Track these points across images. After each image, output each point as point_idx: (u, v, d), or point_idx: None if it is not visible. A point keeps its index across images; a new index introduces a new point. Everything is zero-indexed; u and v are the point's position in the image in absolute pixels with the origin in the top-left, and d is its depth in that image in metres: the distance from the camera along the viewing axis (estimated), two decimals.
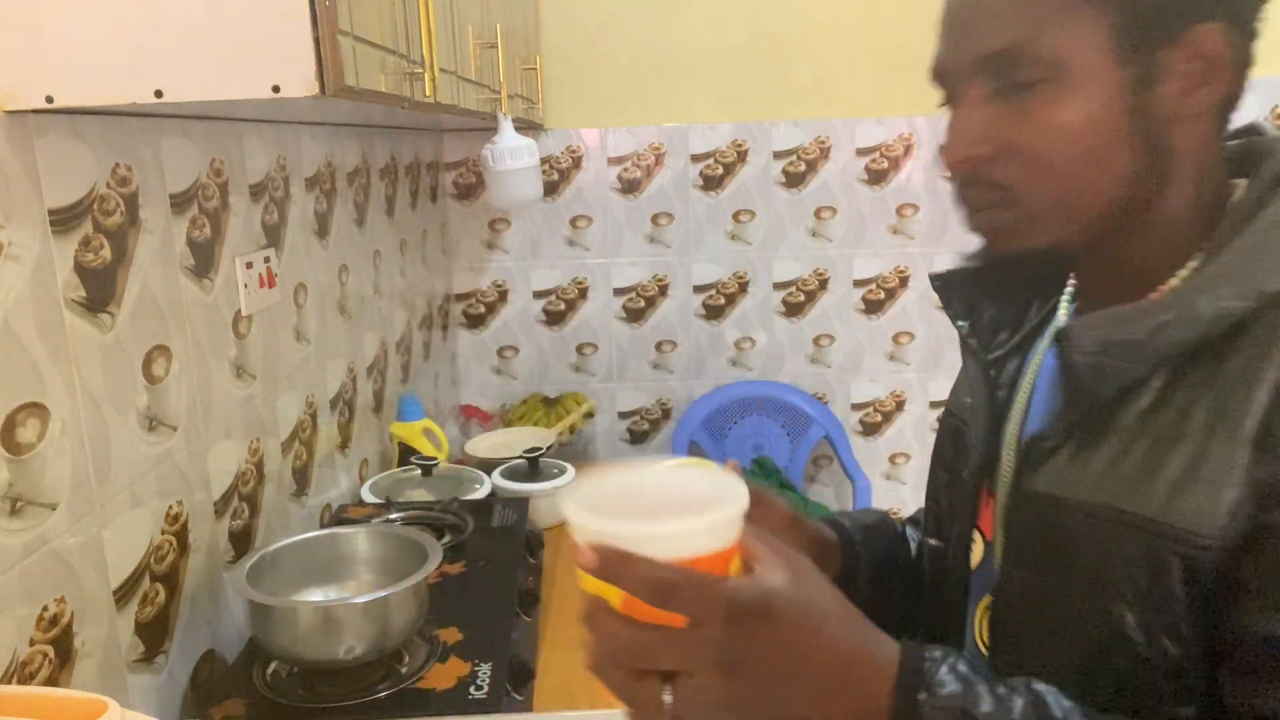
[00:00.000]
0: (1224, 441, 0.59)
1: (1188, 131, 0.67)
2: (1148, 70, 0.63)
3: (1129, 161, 0.65)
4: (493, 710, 1.15)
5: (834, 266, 3.02)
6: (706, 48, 2.87)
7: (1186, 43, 0.64)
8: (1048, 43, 0.62)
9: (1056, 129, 0.63)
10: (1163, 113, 0.65)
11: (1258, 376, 0.59)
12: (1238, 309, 0.61)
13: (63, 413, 1.01)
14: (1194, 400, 0.61)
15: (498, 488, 1.92)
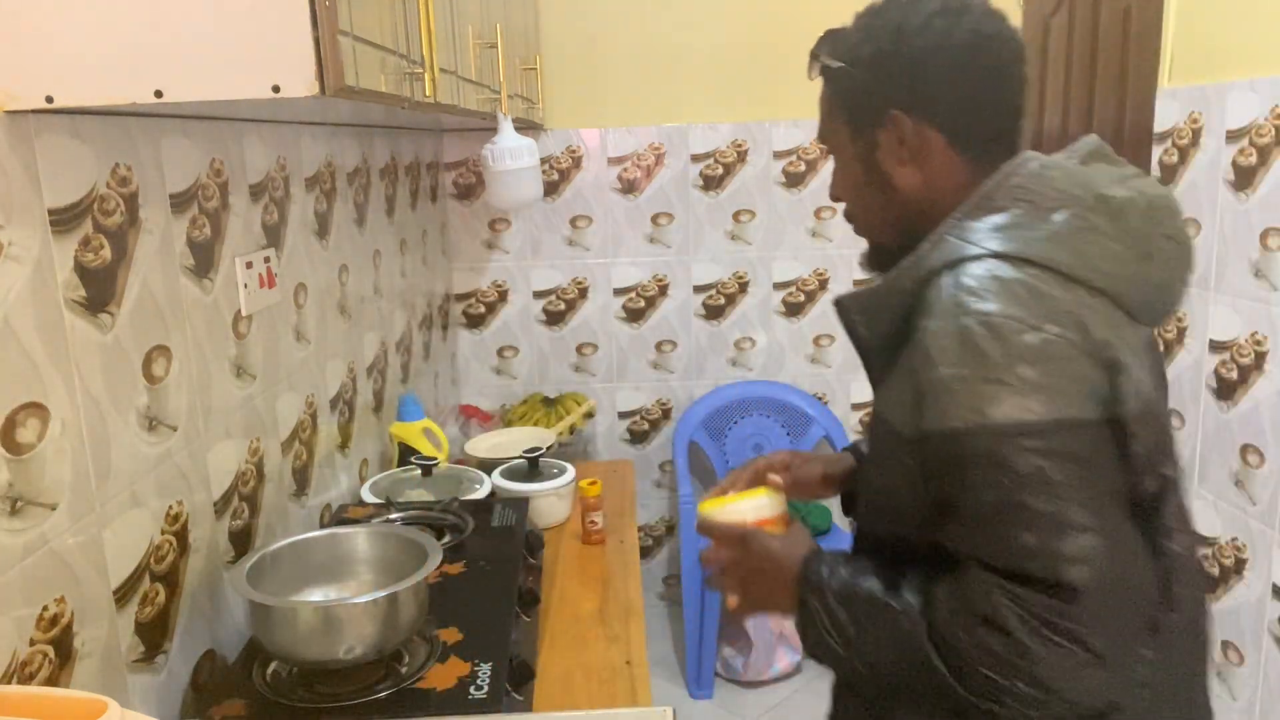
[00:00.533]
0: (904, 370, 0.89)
1: (907, 175, 0.98)
2: (871, 142, 0.99)
3: (877, 196, 1.01)
4: (493, 710, 1.15)
5: (834, 266, 3.02)
6: (706, 48, 2.87)
7: (883, 121, 0.97)
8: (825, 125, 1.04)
9: (839, 183, 1.05)
10: (883, 162, 0.99)
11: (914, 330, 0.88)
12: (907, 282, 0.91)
13: (63, 413, 1.01)
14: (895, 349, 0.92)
15: (498, 488, 1.92)
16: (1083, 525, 0.80)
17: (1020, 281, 0.83)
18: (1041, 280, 0.84)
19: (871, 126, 0.98)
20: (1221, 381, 2.00)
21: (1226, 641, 2.03)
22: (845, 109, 1.00)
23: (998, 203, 0.90)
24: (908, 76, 0.95)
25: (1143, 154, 2.25)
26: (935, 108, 0.95)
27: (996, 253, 0.86)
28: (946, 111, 0.95)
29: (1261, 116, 1.85)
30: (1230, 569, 2.00)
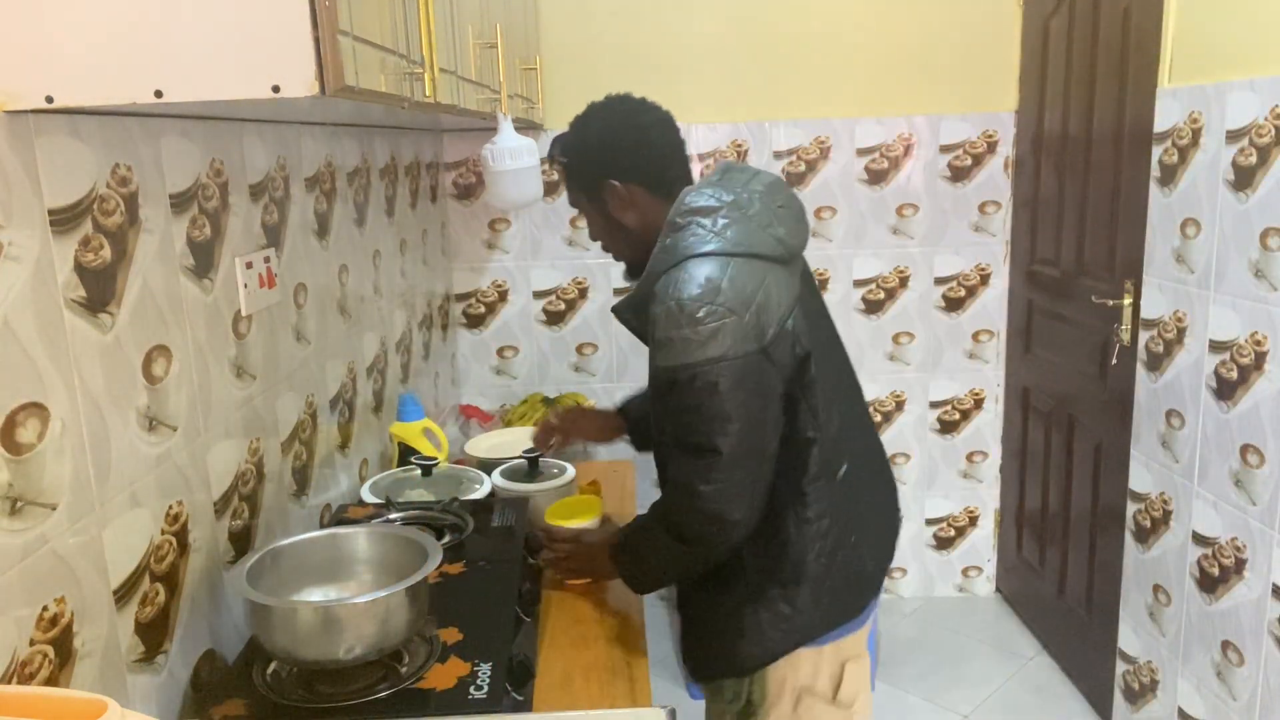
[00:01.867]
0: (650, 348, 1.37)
1: (631, 217, 1.47)
2: (600, 201, 1.48)
3: (617, 234, 1.50)
4: (493, 710, 1.15)
5: (834, 266, 3.02)
6: (706, 48, 2.87)
7: (603, 188, 1.47)
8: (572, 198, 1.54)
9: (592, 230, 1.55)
10: (614, 213, 1.48)
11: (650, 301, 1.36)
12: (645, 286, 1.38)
13: (63, 413, 1.01)
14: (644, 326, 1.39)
15: (498, 488, 1.92)
16: (727, 416, 1.30)
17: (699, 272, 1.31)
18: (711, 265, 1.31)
19: (597, 191, 1.46)
20: (1221, 381, 2.00)
21: (1226, 641, 2.03)
22: (579, 185, 1.49)
23: (677, 224, 1.38)
24: (607, 158, 1.46)
25: (1143, 154, 2.25)
26: (630, 172, 1.45)
27: (683, 257, 1.33)
28: (638, 172, 1.45)
29: (1261, 116, 1.85)
30: (1230, 569, 2.00)
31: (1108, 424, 2.49)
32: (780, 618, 1.42)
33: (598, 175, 1.45)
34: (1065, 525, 2.77)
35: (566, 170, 1.50)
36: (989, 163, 2.97)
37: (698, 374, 1.28)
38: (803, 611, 1.42)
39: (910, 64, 2.89)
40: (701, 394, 1.29)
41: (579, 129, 1.49)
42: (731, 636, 1.44)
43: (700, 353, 1.28)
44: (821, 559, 1.41)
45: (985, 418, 3.16)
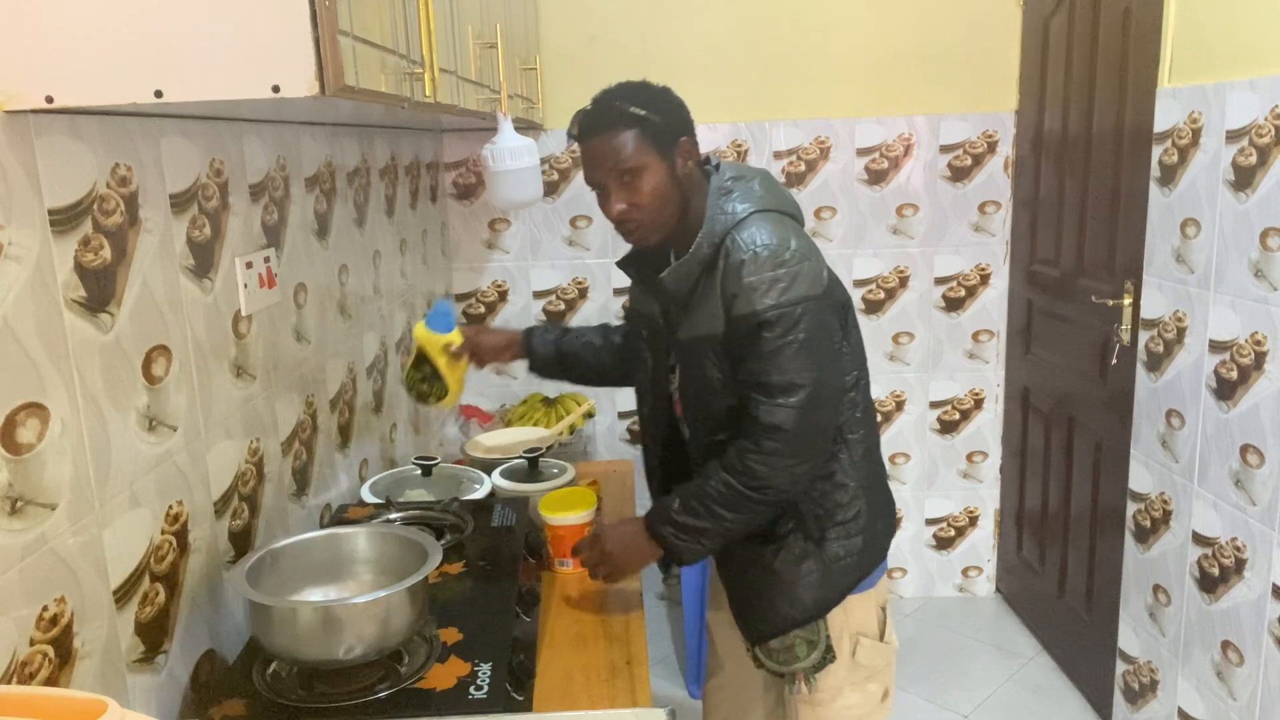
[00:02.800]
0: (714, 297, 1.43)
1: (689, 180, 1.49)
2: (671, 159, 1.45)
3: (679, 195, 1.47)
4: (493, 710, 1.15)
5: (834, 266, 3.00)
6: (706, 48, 2.87)
7: (679, 145, 1.46)
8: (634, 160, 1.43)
9: (649, 193, 1.44)
10: (680, 174, 1.47)
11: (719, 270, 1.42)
12: (707, 250, 1.44)
13: (63, 413, 1.01)
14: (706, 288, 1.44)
15: (498, 488, 1.92)
16: (813, 353, 1.39)
17: (769, 224, 1.41)
18: (775, 219, 1.43)
19: (671, 149, 1.45)
20: (1221, 381, 2.00)
21: (1226, 641, 2.03)
22: (655, 141, 1.44)
23: (727, 188, 1.47)
24: (685, 115, 1.49)
25: (1143, 154, 2.25)
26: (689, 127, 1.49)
27: (751, 211, 1.44)
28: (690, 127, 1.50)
29: (1261, 116, 1.85)
30: (1230, 569, 2.00)
31: (1108, 424, 2.49)
32: (840, 561, 1.51)
33: (679, 131, 1.46)
34: (1065, 525, 2.77)
35: (645, 125, 1.44)
36: (989, 163, 2.97)
37: (786, 313, 1.36)
38: (855, 553, 1.51)
39: (910, 64, 2.89)
40: (791, 332, 1.37)
41: (650, 88, 1.48)
42: (802, 587, 1.50)
43: (789, 293, 1.37)
44: (865, 499, 1.52)
45: (985, 418, 3.16)
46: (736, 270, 1.39)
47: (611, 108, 1.47)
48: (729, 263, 1.40)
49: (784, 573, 1.51)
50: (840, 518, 1.51)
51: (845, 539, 1.51)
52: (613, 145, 1.44)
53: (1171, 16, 2.13)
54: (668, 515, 1.48)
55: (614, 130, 1.45)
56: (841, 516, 1.51)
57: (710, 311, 1.44)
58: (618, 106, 1.46)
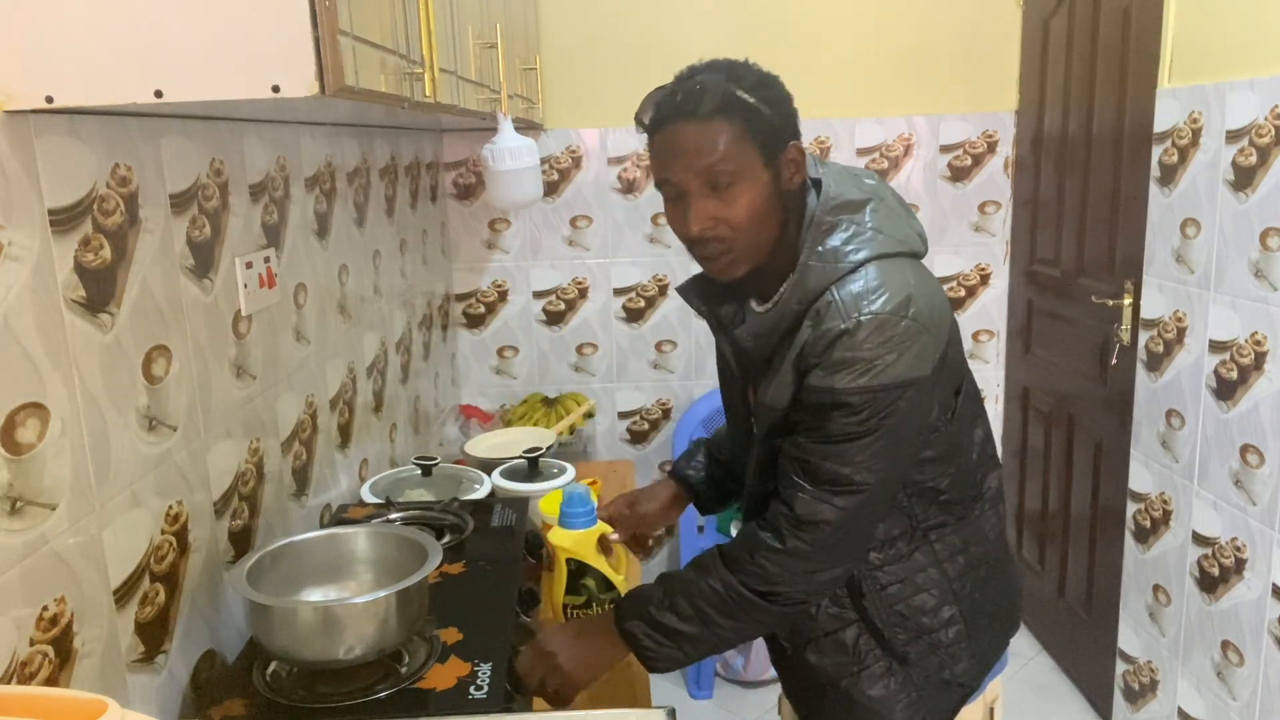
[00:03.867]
0: (788, 366, 1.15)
1: (792, 196, 1.17)
2: (776, 169, 1.13)
3: (779, 217, 1.16)
4: (493, 710, 1.15)
5: None
6: (707, 48, 2.84)
7: (788, 151, 1.14)
8: (732, 162, 1.10)
9: (745, 208, 1.12)
10: (785, 189, 1.15)
11: (803, 333, 1.13)
12: (795, 306, 1.14)
13: (63, 413, 1.01)
14: (784, 352, 1.16)
15: (498, 488, 1.92)
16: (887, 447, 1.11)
17: (883, 280, 1.11)
18: (891, 269, 1.12)
19: (779, 154, 1.14)
20: (1221, 381, 2.00)
21: (1226, 641, 2.03)
22: (763, 142, 1.12)
23: (827, 223, 1.15)
24: (788, 114, 1.16)
25: (1143, 154, 2.25)
26: (798, 133, 1.17)
27: (856, 263, 1.12)
28: (799, 131, 1.18)
29: (1261, 116, 1.85)
30: (1230, 569, 2.00)
31: (1108, 424, 2.49)
32: (934, 679, 1.26)
33: (790, 132, 1.15)
34: (1065, 525, 2.77)
35: (753, 119, 1.11)
36: (989, 163, 2.97)
37: (875, 399, 1.08)
38: (953, 670, 1.27)
39: (910, 64, 2.89)
40: (873, 420, 1.09)
41: (758, 70, 1.15)
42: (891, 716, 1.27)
43: (886, 375, 1.07)
44: (958, 606, 1.25)
45: None
46: (829, 341, 1.09)
47: (713, 87, 1.11)
48: (820, 329, 1.10)
49: (866, 703, 1.26)
50: (927, 627, 1.24)
51: (934, 653, 1.24)
52: (708, 137, 1.10)
53: (1171, 16, 2.13)
54: (644, 610, 1.19)
55: (712, 118, 1.10)
56: (929, 625, 1.23)
57: (781, 383, 1.16)
58: (723, 87, 1.11)
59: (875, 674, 1.25)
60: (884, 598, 1.23)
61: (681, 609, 1.18)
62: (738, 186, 1.11)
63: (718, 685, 2.81)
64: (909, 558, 1.23)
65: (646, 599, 1.20)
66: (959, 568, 1.25)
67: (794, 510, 1.13)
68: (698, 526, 2.81)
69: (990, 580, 1.29)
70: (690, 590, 1.18)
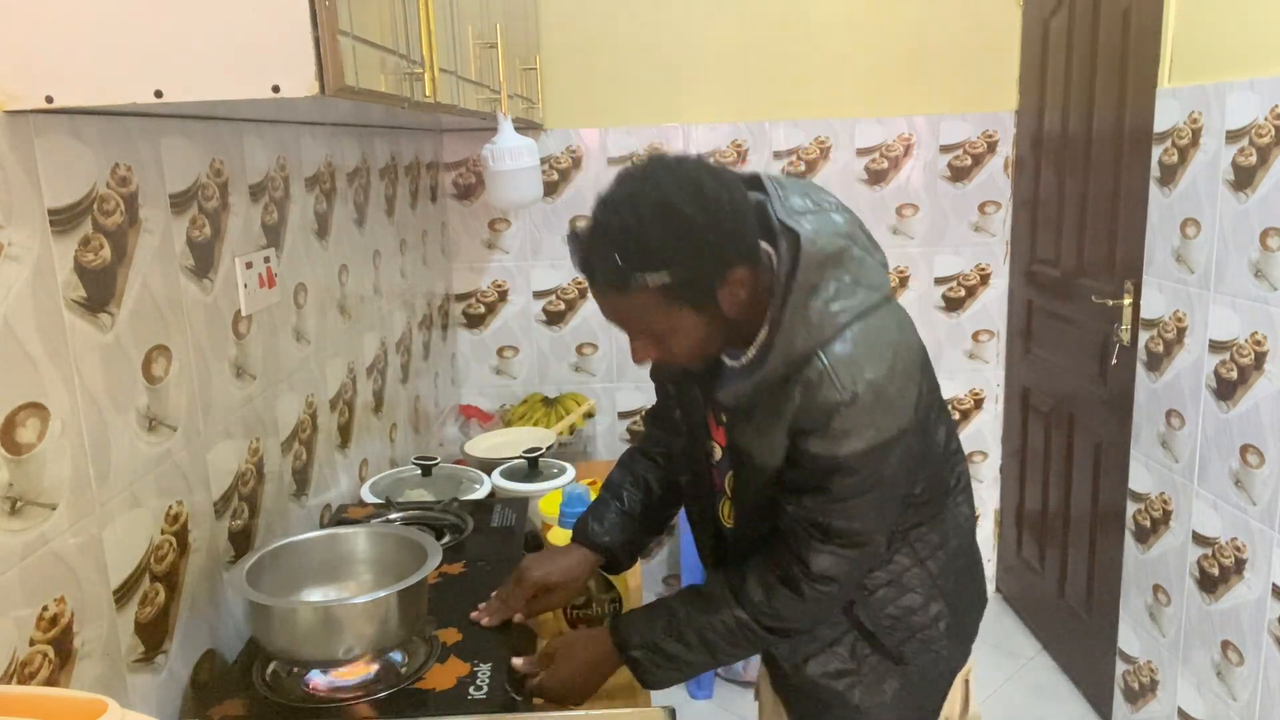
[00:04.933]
0: (778, 427, 1.14)
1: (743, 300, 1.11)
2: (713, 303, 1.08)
3: (717, 335, 1.13)
4: (493, 710, 1.15)
5: None
6: (706, 48, 2.87)
7: (728, 280, 1.08)
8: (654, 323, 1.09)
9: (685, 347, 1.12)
10: (730, 307, 1.10)
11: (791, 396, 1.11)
12: (781, 370, 1.11)
13: (63, 413, 1.01)
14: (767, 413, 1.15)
15: (497, 488, 1.92)
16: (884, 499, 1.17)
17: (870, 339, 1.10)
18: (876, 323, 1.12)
19: (712, 293, 1.08)
20: (1221, 381, 2.00)
21: (1226, 641, 2.03)
22: (685, 299, 1.07)
23: (810, 284, 1.10)
24: (726, 239, 1.07)
25: (1143, 154, 2.25)
26: (738, 252, 1.09)
27: (842, 325, 1.10)
28: (743, 248, 1.09)
29: (1261, 116, 1.85)
30: (1230, 569, 2.00)
31: (1108, 424, 2.49)
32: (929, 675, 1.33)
33: (719, 269, 1.06)
34: (1065, 525, 2.77)
35: (666, 289, 1.05)
36: (989, 163, 2.97)
37: (872, 457, 1.11)
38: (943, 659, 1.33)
39: (910, 64, 2.89)
40: (873, 477, 1.12)
41: (673, 215, 1.03)
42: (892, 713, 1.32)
43: (885, 434, 1.10)
44: (944, 601, 1.30)
45: (985, 418, 3.16)
46: (825, 412, 1.09)
47: (604, 267, 1.06)
48: (816, 399, 1.09)
49: (870, 708, 1.31)
50: (919, 625, 1.29)
51: (927, 649, 1.30)
52: (619, 308, 1.10)
53: (1171, 16, 2.13)
54: (649, 639, 1.24)
55: (614, 295, 1.08)
56: (920, 623, 1.29)
57: (768, 443, 1.16)
58: (615, 268, 1.04)
59: (876, 678, 1.31)
60: (873, 603, 1.28)
61: (689, 640, 1.23)
62: (670, 337, 1.11)
63: (717, 685, 2.81)
64: (892, 561, 1.27)
65: (651, 626, 1.25)
66: (941, 563, 1.30)
67: (810, 567, 1.17)
68: None
69: (968, 568, 1.36)
70: (699, 624, 1.23)
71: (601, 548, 1.42)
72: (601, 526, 1.43)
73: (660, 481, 1.47)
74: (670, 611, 1.25)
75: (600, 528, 1.43)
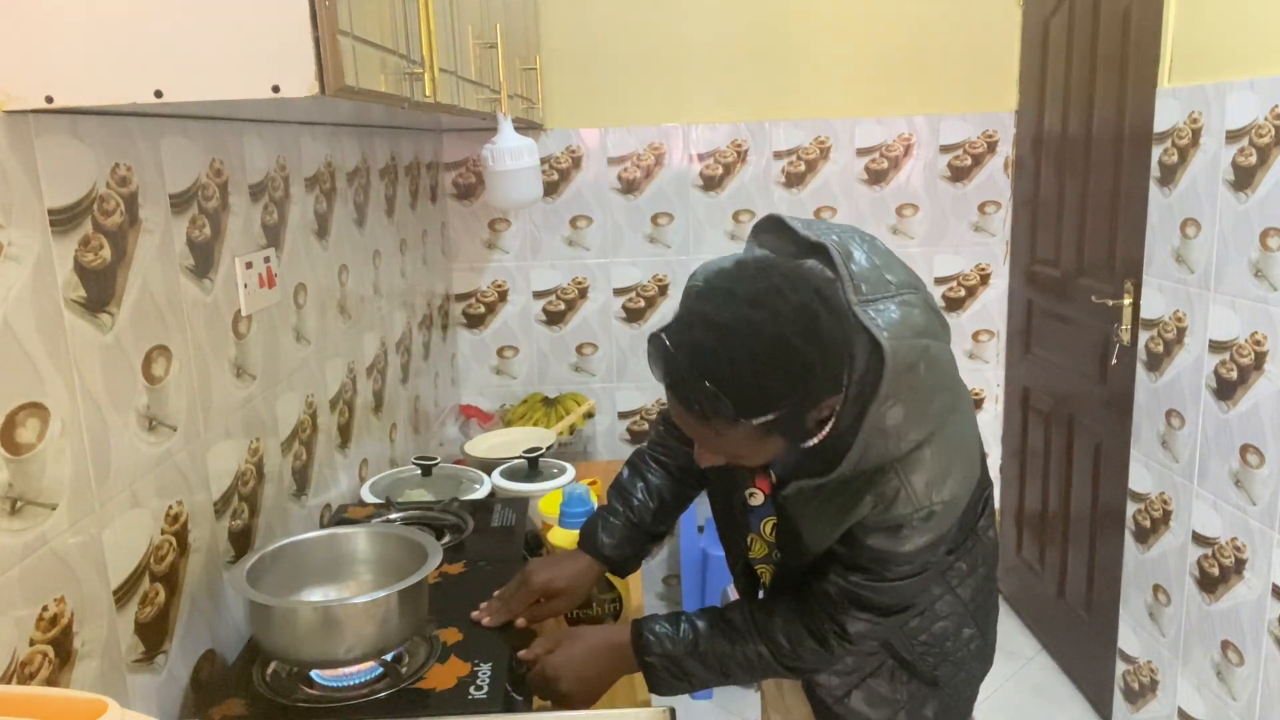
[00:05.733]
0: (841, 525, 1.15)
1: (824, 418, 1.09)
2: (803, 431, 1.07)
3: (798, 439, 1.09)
4: (493, 710, 1.15)
5: None
6: (706, 48, 2.87)
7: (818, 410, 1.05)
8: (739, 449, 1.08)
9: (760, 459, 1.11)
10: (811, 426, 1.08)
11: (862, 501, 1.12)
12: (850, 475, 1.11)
13: (63, 413, 1.01)
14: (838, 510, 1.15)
15: (497, 488, 1.92)
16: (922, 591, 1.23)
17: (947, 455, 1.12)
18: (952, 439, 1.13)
19: (803, 424, 1.06)
20: (1221, 381, 2.00)
21: (1226, 641, 2.03)
22: (780, 431, 1.04)
23: (893, 396, 1.06)
24: (832, 378, 1.04)
25: (1143, 154, 2.25)
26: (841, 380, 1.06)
27: (927, 435, 1.09)
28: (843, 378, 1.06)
29: (1261, 116, 1.85)
30: (1230, 569, 2.00)
31: (1108, 424, 2.49)
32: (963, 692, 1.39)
33: (815, 403, 1.04)
34: (1065, 525, 2.77)
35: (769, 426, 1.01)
36: (989, 163, 2.97)
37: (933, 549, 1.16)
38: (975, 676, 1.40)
39: (910, 64, 2.89)
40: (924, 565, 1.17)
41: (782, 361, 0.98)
42: None
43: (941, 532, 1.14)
44: (975, 622, 1.36)
45: (985, 418, 3.16)
46: (896, 522, 1.11)
47: (711, 404, 0.99)
48: (886, 509, 1.10)
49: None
50: (951, 650, 1.34)
51: (960, 670, 1.36)
52: (708, 436, 1.07)
53: (1171, 16, 2.13)
54: (670, 652, 1.26)
55: (708, 427, 1.03)
56: (953, 648, 1.34)
57: (824, 530, 1.17)
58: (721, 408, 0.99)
59: (916, 705, 1.35)
60: (906, 633, 1.32)
61: (708, 663, 1.26)
62: (750, 455, 1.09)
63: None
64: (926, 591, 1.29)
65: (674, 640, 1.26)
66: (971, 589, 1.34)
67: (846, 630, 1.20)
68: (698, 526, 2.81)
69: (992, 588, 1.40)
70: (720, 650, 1.25)
71: (607, 560, 1.43)
72: (611, 540, 1.42)
73: (672, 493, 1.46)
74: (694, 631, 1.27)
75: (610, 541, 1.42)
